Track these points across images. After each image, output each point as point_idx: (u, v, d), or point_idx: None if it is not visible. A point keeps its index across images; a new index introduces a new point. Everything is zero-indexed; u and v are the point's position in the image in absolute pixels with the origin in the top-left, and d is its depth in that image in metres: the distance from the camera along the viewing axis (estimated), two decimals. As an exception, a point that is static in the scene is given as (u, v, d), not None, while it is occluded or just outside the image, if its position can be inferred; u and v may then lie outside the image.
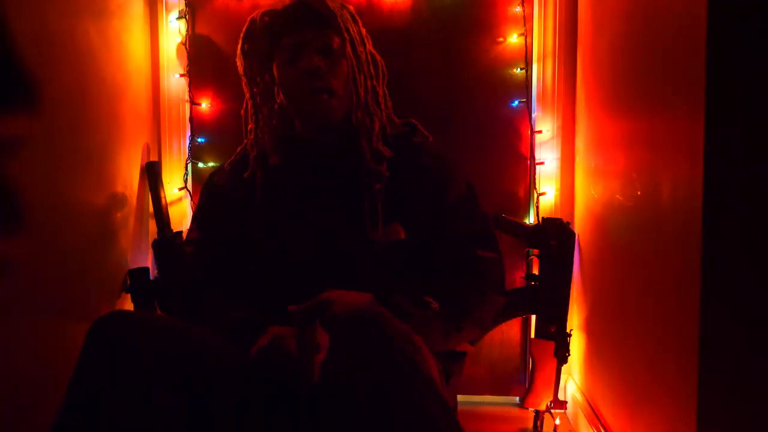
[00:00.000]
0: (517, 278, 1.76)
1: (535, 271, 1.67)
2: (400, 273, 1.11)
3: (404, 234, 1.13)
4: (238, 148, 1.34)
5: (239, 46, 1.25)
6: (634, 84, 1.21)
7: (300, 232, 1.14)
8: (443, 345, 1.08)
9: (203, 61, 1.80)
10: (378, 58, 1.26)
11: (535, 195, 1.74)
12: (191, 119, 1.80)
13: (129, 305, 1.62)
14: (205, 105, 1.81)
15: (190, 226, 1.24)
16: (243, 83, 1.29)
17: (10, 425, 1.18)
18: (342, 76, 1.17)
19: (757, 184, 0.83)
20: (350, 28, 1.18)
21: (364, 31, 1.24)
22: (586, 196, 1.60)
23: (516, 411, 1.76)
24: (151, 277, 1.66)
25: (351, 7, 1.24)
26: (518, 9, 1.74)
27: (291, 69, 1.16)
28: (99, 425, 0.82)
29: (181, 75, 1.80)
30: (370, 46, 1.25)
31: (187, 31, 1.79)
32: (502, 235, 1.71)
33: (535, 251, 1.66)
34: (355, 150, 1.16)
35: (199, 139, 1.82)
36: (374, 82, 1.22)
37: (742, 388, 0.85)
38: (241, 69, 1.26)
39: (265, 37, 1.20)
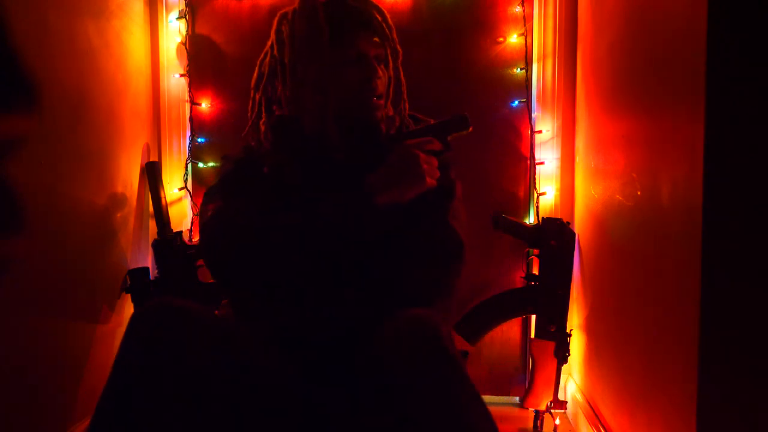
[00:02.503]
0: (517, 278, 1.76)
1: (535, 271, 1.67)
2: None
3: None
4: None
5: (288, 27, 1.14)
6: (634, 84, 1.21)
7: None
8: None
9: (203, 61, 1.81)
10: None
11: (535, 195, 1.74)
12: (191, 119, 1.80)
13: (129, 305, 1.63)
14: (205, 105, 1.81)
15: (208, 197, 1.19)
16: (283, 70, 1.15)
17: (10, 424, 1.18)
18: (385, 82, 1.17)
19: (757, 184, 0.83)
20: (395, 38, 1.18)
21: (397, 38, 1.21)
22: (586, 196, 1.60)
23: (516, 411, 1.76)
24: (151, 277, 1.66)
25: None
26: (518, 9, 1.74)
27: (351, 72, 1.11)
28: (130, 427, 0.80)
29: (181, 75, 1.80)
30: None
31: (187, 31, 1.79)
32: (502, 235, 1.71)
33: (535, 251, 1.66)
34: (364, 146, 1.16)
35: (199, 139, 1.82)
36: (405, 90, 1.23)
37: (742, 388, 0.85)
38: (289, 54, 1.13)
39: (326, 28, 1.10)
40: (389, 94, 1.18)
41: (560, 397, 1.62)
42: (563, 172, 1.75)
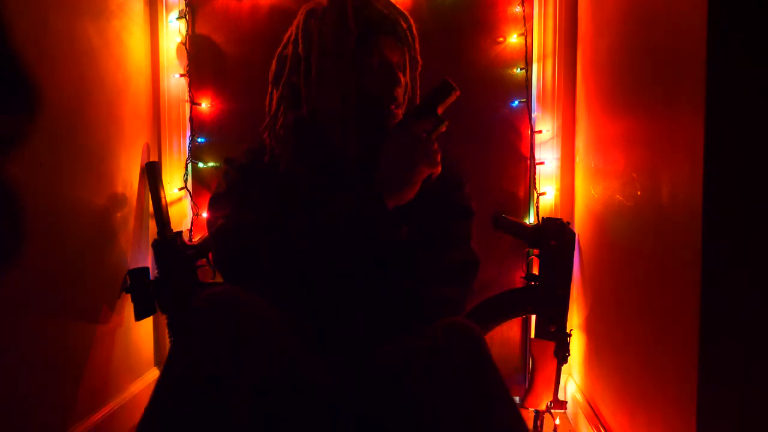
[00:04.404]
0: (517, 278, 1.76)
1: (535, 271, 1.67)
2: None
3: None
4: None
5: (317, 24, 1.11)
6: (634, 84, 1.21)
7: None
8: None
9: (203, 61, 1.81)
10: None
11: (535, 195, 1.74)
12: (191, 119, 1.80)
13: (129, 305, 1.63)
14: (205, 105, 1.81)
15: (216, 206, 1.17)
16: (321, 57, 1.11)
17: (10, 424, 1.18)
18: (403, 91, 1.17)
19: (757, 184, 0.83)
20: (417, 48, 1.18)
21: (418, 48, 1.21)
22: (586, 196, 1.60)
23: (516, 411, 1.76)
24: (151, 277, 1.66)
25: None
26: (518, 9, 1.74)
27: (374, 79, 1.11)
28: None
29: (181, 75, 1.80)
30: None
31: (187, 31, 1.79)
32: (502, 235, 1.71)
33: (535, 251, 1.66)
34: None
35: (199, 139, 1.82)
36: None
37: (742, 388, 0.85)
38: (316, 52, 1.10)
39: (355, 30, 1.08)
40: (404, 101, 1.17)
41: (560, 397, 1.62)
42: (563, 172, 1.75)
